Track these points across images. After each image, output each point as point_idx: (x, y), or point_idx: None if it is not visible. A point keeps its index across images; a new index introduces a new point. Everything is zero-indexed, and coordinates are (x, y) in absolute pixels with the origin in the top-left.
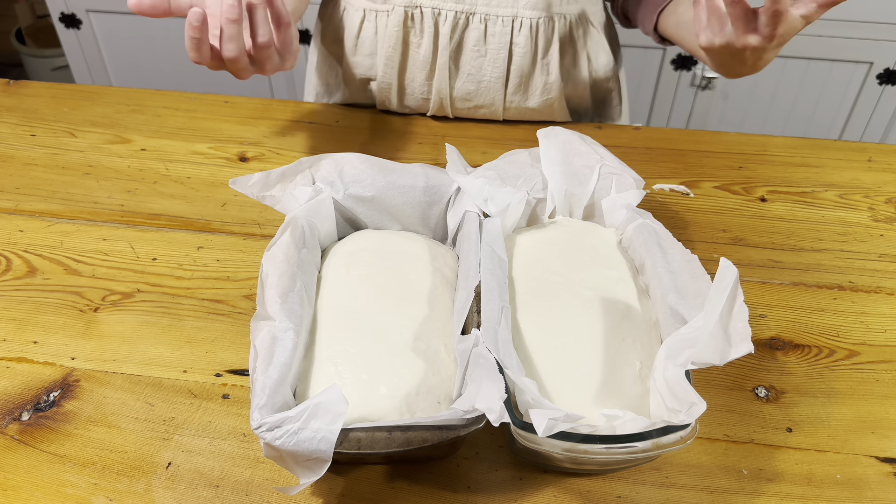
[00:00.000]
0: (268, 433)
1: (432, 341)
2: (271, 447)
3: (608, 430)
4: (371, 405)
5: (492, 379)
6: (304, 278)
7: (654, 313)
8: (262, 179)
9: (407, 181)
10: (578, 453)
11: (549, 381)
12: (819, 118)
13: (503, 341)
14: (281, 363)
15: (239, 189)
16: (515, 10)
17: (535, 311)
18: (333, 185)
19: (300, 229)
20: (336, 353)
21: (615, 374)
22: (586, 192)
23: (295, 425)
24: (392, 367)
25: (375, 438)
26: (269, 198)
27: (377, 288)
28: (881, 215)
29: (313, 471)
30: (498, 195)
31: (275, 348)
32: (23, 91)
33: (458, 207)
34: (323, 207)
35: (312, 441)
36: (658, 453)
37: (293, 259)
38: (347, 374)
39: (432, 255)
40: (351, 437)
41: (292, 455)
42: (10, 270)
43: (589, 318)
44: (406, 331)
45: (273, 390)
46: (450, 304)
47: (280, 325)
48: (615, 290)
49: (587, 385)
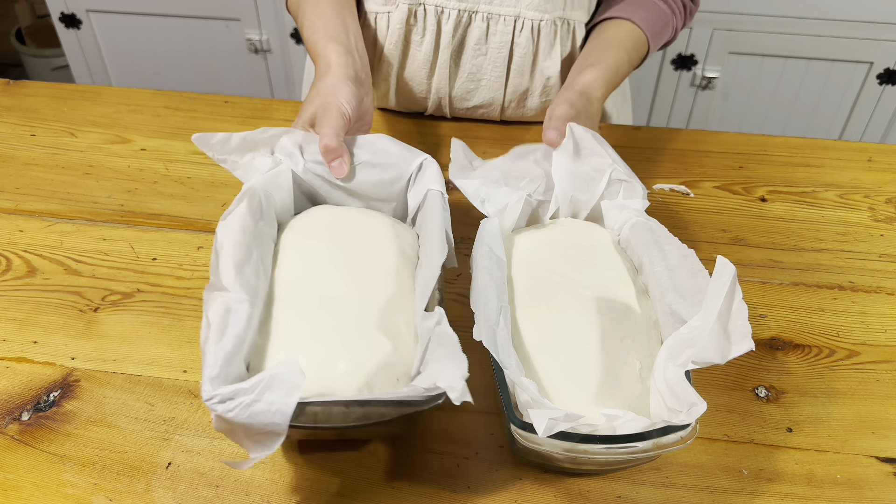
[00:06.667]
0: (220, 405)
1: (393, 318)
2: (223, 420)
3: (608, 430)
4: (328, 381)
5: (454, 358)
6: (260, 250)
7: (654, 313)
8: (223, 141)
9: (367, 157)
10: (578, 453)
11: (548, 381)
12: (819, 118)
13: (502, 341)
14: (234, 334)
15: (200, 146)
16: (518, 9)
17: (534, 312)
18: (293, 157)
19: (258, 200)
20: (293, 328)
21: (615, 375)
22: (593, 198)
23: (249, 397)
24: (351, 343)
25: (332, 413)
26: (230, 162)
27: (337, 263)
28: (881, 215)
29: (266, 445)
30: (495, 196)
31: (229, 319)
32: (23, 91)
33: (420, 185)
34: (281, 179)
35: (267, 414)
36: (658, 453)
37: (249, 230)
38: (305, 349)
39: (394, 232)
40: (308, 410)
41: (245, 428)
42: (9, 270)
43: (588, 318)
44: (366, 307)
45: (226, 361)
46: (410, 282)
47: (235, 295)
48: (615, 290)
49: (587, 385)
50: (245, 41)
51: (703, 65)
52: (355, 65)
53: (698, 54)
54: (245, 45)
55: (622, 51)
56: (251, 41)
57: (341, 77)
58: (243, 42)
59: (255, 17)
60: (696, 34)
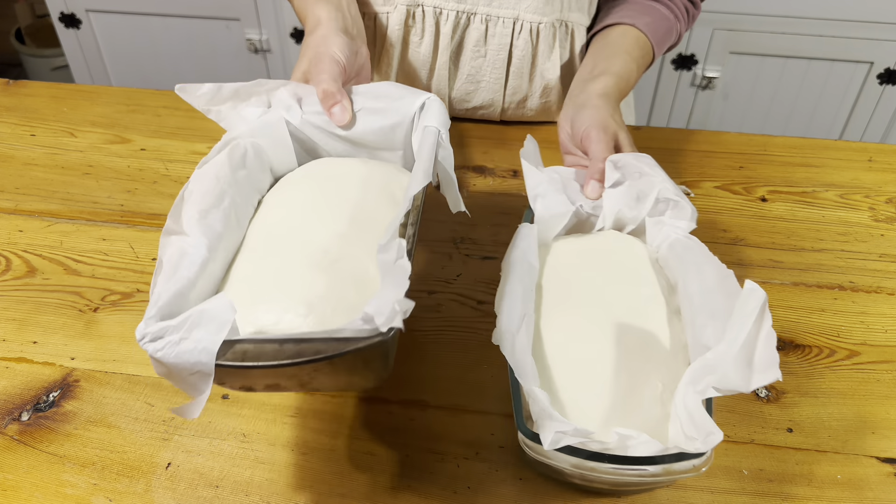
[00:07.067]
0: (150, 344)
1: (360, 259)
2: (157, 361)
3: (620, 450)
4: (282, 324)
5: (395, 285)
6: (235, 199)
7: (685, 336)
8: (213, 91)
9: (366, 103)
10: (586, 470)
11: (564, 394)
12: (819, 118)
13: (520, 348)
14: (184, 277)
15: (185, 97)
16: (517, 12)
17: (559, 322)
18: (290, 110)
19: (241, 150)
20: (251, 273)
21: (635, 394)
22: (639, 216)
23: (177, 335)
24: (310, 285)
25: (264, 350)
26: (215, 112)
27: (312, 209)
28: (882, 215)
29: (198, 388)
30: (550, 199)
31: (182, 262)
32: (22, 91)
33: (421, 126)
34: (275, 131)
35: (193, 352)
36: (670, 479)
37: (225, 179)
38: (260, 294)
39: (387, 178)
40: (237, 348)
41: (176, 369)
42: (9, 270)
43: (614, 335)
44: (332, 248)
45: (168, 302)
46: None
47: (192, 240)
48: (646, 308)
49: (604, 402)
50: (245, 41)
51: (703, 65)
52: (345, 20)
53: (699, 54)
54: (245, 45)
55: (630, 58)
56: (251, 41)
57: (332, 29)
58: (243, 42)
59: (255, 17)
60: (697, 34)
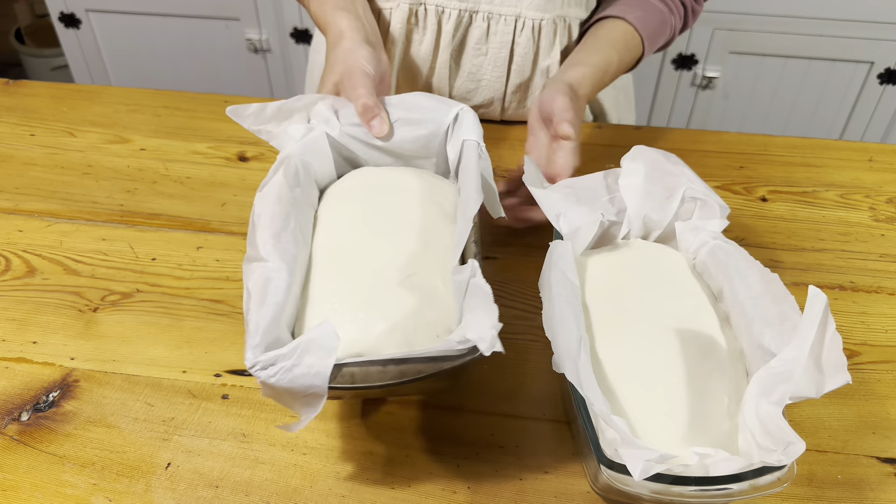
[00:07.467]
0: (262, 371)
1: (429, 275)
2: (268, 386)
3: (700, 470)
4: (368, 341)
5: (485, 308)
6: (297, 218)
7: (738, 344)
8: (258, 111)
9: (401, 114)
10: (671, 496)
11: (633, 417)
12: (820, 118)
13: (585, 374)
14: (274, 303)
15: (234, 118)
16: (519, 9)
17: (613, 342)
18: (329, 123)
19: (293, 168)
20: (331, 292)
21: (703, 411)
22: (665, 217)
23: (289, 362)
24: (388, 303)
25: (369, 372)
26: (265, 132)
27: (372, 224)
28: (882, 215)
29: (312, 406)
30: (572, 214)
31: (268, 288)
32: (22, 91)
33: (457, 137)
34: (318, 145)
35: (307, 376)
36: (754, 496)
37: (286, 198)
38: (344, 312)
39: (431, 188)
40: (345, 371)
41: (289, 392)
42: (9, 270)
43: (672, 350)
44: (401, 265)
45: (267, 330)
46: (448, 238)
47: (273, 265)
48: (695, 319)
49: (675, 422)
50: (245, 41)
51: (703, 64)
52: (366, 29)
53: (699, 54)
54: (245, 44)
55: (613, 51)
56: (251, 41)
57: (357, 41)
58: (243, 42)
59: (255, 17)
60: (697, 34)
